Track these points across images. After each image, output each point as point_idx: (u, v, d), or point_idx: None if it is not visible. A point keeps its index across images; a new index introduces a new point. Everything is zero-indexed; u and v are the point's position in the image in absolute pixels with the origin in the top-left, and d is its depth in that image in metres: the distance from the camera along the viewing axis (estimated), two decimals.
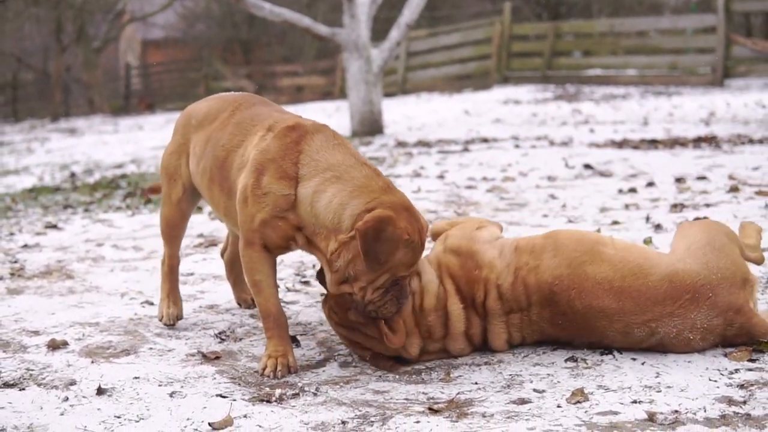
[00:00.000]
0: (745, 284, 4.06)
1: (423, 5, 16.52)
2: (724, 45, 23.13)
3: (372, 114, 16.29)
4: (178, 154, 4.85)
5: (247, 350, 4.50)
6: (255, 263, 4.24)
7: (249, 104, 4.66)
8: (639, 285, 3.99)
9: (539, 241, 4.24)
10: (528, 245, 4.23)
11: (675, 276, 3.99)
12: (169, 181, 4.90)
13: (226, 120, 4.60)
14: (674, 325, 3.96)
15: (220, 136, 4.55)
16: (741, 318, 4.00)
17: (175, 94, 39.91)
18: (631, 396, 3.61)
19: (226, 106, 4.71)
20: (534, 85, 26.76)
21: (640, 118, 16.80)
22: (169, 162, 4.89)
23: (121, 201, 10.18)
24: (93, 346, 4.59)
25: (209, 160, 4.55)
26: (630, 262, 4.05)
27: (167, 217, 4.97)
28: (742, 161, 10.15)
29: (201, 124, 4.74)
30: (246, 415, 3.59)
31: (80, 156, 17.57)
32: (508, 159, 11.52)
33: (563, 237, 4.23)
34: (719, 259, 4.07)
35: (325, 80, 33.47)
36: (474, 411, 3.56)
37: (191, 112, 4.88)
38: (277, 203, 4.09)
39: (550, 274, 4.08)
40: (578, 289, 4.02)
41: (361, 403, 3.70)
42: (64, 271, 6.44)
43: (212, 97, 4.92)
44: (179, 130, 4.89)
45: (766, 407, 3.41)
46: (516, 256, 4.19)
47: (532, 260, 4.15)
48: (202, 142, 4.65)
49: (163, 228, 5.02)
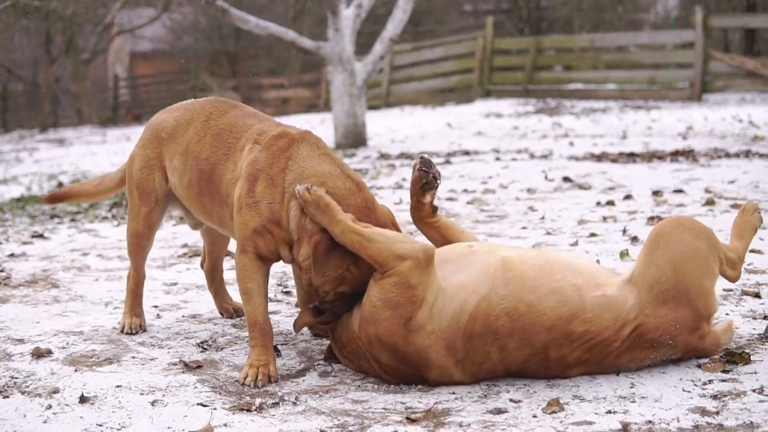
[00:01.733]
0: (701, 325, 4.03)
1: (406, 20, 16.60)
2: (702, 60, 23.26)
3: (356, 126, 16.36)
4: (149, 168, 4.84)
5: (229, 359, 4.54)
6: (247, 271, 4.30)
7: (221, 112, 4.68)
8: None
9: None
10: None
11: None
12: (140, 196, 4.89)
13: (201, 130, 4.63)
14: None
15: (200, 148, 4.58)
16: (694, 350, 4.05)
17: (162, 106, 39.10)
18: (606, 406, 3.65)
19: (195, 115, 4.73)
20: (515, 98, 26.84)
21: (619, 132, 16.88)
22: (140, 177, 4.87)
23: (107, 211, 10.20)
24: (77, 355, 4.62)
25: (194, 174, 4.59)
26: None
27: (135, 230, 4.96)
28: (718, 175, 10.23)
29: (173, 137, 4.75)
30: (226, 423, 3.63)
31: (68, 166, 17.55)
32: (488, 171, 11.58)
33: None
34: (678, 310, 3.96)
35: (310, 93, 33.52)
36: (451, 420, 3.60)
37: (158, 125, 4.86)
38: (269, 212, 4.20)
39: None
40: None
41: (339, 413, 3.74)
42: (50, 280, 6.47)
43: (176, 107, 4.92)
44: (147, 144, 4.87)
45: (739, 418, 3.45)
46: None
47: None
48: (180, 155, 4.68)
49: (131, 241, 5.02)
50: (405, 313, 3.87)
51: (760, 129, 16.12)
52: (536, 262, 3.99)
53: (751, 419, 3.44)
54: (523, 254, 4.06)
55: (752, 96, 23.03)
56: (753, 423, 3.40)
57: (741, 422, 3.42)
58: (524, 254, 4.06)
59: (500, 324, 3.85)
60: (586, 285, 3.93)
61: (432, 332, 3.87)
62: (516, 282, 3.90)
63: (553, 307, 3.86)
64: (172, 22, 44.75)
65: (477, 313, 3.87)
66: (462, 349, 3.90)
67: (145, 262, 5.11)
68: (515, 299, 3.87)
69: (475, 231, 7.56)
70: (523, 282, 3.90)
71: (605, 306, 3.90)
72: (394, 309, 3.87)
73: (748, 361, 4.03)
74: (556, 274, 3.95)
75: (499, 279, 3.91)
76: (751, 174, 10.21)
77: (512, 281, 3.90)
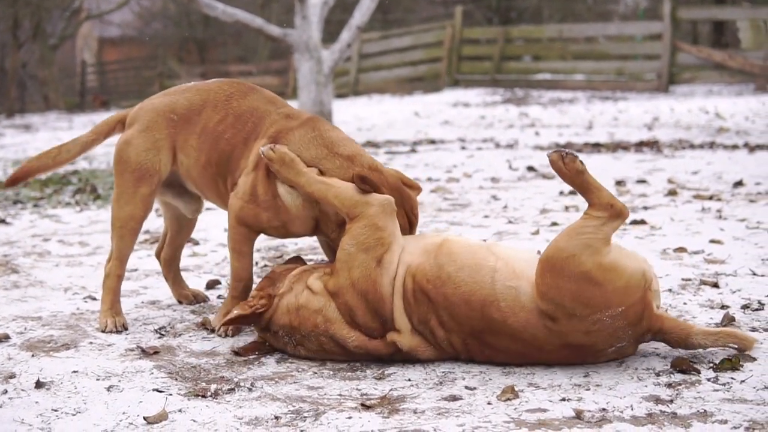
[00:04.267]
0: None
1: (374, 8, 16.60)
2: (669, 52, 23.42)
3: (322, 114, 16.32)
4: (156, 149, 4.78)
5: (186, 346, 4.53)
6: (244, 237, 4.61)
7: (242, 93, 4.78)
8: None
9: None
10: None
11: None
12: (140, 178, 4.80)
13: (221, 110, 4.71)
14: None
15: (221, 129, 4.67)
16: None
17: (130, 92, 39.77)
18: (560, 394, 3.67)
19: (212, 96, 4.78)
20: (483, 88, 26.91)
21: (586, 122, 16.96)
22: (144, 158, 4.78)
23: (70, 197, 10.16)
24: (34, 340, 4.61)
25: (213, 154, 4.66)
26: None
27: (131, 213, 4.83)
28: (682, 165, 10.31)
29: (186, 117, 4.77)
30: (181, 409, 3.62)
31: (34, 152, 17.34)
32: (453, 160, 11.62)
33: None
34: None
35: (278, 80, 33.49)
36: (406, 407, 3.61)
37: (167, 108, 4.83)
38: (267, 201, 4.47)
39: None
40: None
41: (295, 399, 3.74)
42: (10, 266, 6.44)
43: (184, 89, 4.91)
44: (153, 126, 4.81)
45: (693, 406, 3.47)
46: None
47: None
48: (198, 135, 4.71)
49: (124, 225, 4.86)
50: (376, 255, 4.13)
51: (725, 121, 16.24)
52: (470, 245, 4.19)
53: (705, 408, 3.45)
54: (466, 240, 4.30)
55: (719, 88, 23.19)
56: (707, 411, 3.42)
57: (695, 411, 3.43)
58: (467, 240, 4.30)
59: (429, 288, 4.05)
60: (502, 271, 4.02)
61: (396, 277, 4.12)
62: (444, 256, 4.11)
63: (467, 281, 4.01)
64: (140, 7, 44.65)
65: (415, 272, 4.09)
66: (411, 306, 4.08)
67: (131, 252, 4.99)
68: (438, 268, 4.07)
69: (437, 219, 7.58)
70: (450, 256, 4.10)
71: (517, 300, 3.95)
72: (366, 252, 4.13)
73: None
74: (478, 254, 4.10)
75: (433, 252, 4.14)
76: (715, 165, 10.29)
77: (441, 255, 4.11)
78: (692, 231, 6.64)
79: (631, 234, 6.65)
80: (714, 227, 6.77)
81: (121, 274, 4.95)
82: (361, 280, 4.11)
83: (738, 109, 18.23)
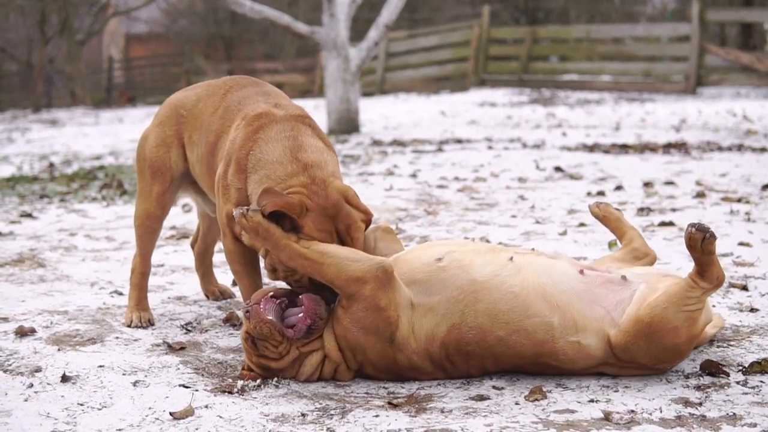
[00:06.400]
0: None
1: (402, 6, 16.56)
2: (697, 54, 23.32)
3: (349, 112, 16.34)
4: (166, 146, 4.73)
5: (212, 341, 4.53)
6: (232, 254, 4.32)
7: (240, 86, 4.60)
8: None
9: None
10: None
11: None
12: (153, 175, 4.77)
13: (216, 103, 4.55)
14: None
15: (211, 121, 4.50)
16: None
17: (156, 89, 39.85)
18: (589, 395, 3.65)
19: (216, 90, 4.65)
20: (510, 88, 26.86)
21: (613, 123, 16.89)
22: (155, 155, 4.75)
23: (97, 192, 10.18)
24: (60, 334, 4.61)
25: (203, 147, 4.52)
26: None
27: (147, 211, 4.82)
28: (710, 168, 10.24)
29: (192, 113, 4.67)
30: (207, 405, 3.62)
31: (60, 147, 17.50)
32: (480, 160, 11.58)
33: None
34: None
35: (304, 78, 33.50)
36: (433, 406, 3.59)
37: (178, 102, 4.77)
38: (237, 197, 4.14)
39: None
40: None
41: (321, 396, 3.74)
42: (36, 260, 6.45)
43: (198, 85, 4.84)
44: (165, 121, 4.77)
45: (722, 409, 3.45)
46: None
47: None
48: (198, 130, 4.61)
49: (142, 223, 4.86)
50: (387, 336, 3.79)
51: (753, 123, 16.14)
52: (510, 290, 3.82)
53: (734, 411, 3.44)
54: (499, 273, 3.87)
55: (747, 90, 23.07)
56: (736, 415, 3.40)
57: (724, 414, 3.42)
58: (499, 273, 3.87)
59: (470, 349, 3.81)
60: (561, 326, 3.81)
61: (416, 352, 3.82)
62: (486, 316, 3.79)
63: (523, 342, 3.80)
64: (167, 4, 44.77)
65: (448, 340, 3.81)
66: (445, 365, 3.87)
67: (153, 249, 4.98)
68: (484, 332, 3.79)
69: (464, 219, 7.55)
70: (495, 317, 3.79)
71: (580, 353, 3.83)
72: (375, 334, 3.79)
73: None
74: (530, 309, 3.81)
75: (470, 309, 3.80)
76: (743, 168, 10.22)
77: (483, 315, 3.79)
78: (721, 233, 6.59)
79: (660, 235, 6.61)
80: (742, 230, 6.73)
81: (144, 270, 4.93)
82: (380, 360, 3.85)
83: (766, 111, 18.12)
